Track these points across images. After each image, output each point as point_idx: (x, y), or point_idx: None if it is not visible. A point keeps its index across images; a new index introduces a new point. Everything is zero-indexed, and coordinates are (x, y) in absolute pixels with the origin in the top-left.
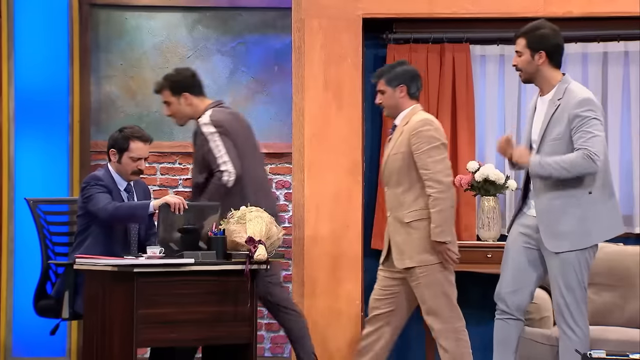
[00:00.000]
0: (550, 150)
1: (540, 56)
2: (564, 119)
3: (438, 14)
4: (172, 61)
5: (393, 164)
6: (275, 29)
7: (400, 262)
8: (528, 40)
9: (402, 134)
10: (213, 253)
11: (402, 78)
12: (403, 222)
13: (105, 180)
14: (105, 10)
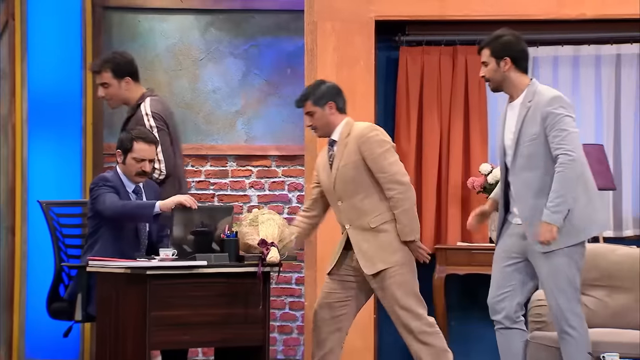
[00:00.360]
0: (527, 152)
1: (506, 62)
2: (536, 118)
3: (450, 16)
4: (185, 64)
5: (346, 174)
6: (288, 31)
7: (372, 267)
8: (492, 49)
9: (348, 145)
10: (225, 255)
11: (329, 95)
12: (368, 228)
13: (113, 181)
14: (118, 13)
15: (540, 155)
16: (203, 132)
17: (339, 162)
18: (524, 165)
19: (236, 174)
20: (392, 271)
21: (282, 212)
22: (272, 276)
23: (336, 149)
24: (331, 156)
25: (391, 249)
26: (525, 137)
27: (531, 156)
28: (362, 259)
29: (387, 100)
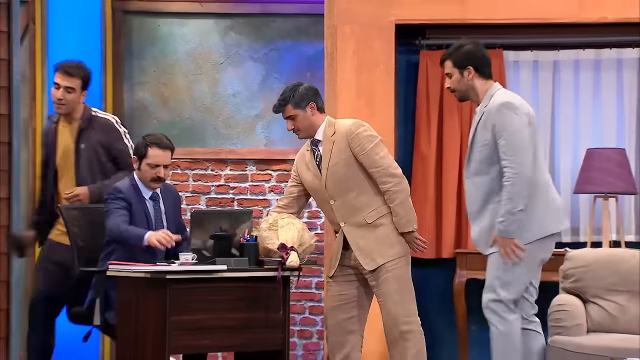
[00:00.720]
0: (479, 156)
1: (469, 72)
2: (488, 125)
3: (471, 20)
4: (205, 68)
5: (338, 172)
6: (308, 35)
7: (372, 263)
8: (454, 60)
9: (335, 143)
10: (245, 260)
11: (308, 96)
12: (365, 224)
13: (125, 191)
14: (138, 17)
15: (490, 160)
16: (223, 136)
17: (328, 161)
18: (476, 169)
19: (256, 178)
20: (390, 264)
21: (302, 216)
22: (292, 280)
23: (322, 148)
24: (317, 156)
25: (389, 242)
26: (478, 142)
27: (482, 161)
28: (360, 256)
29: (407, 104)
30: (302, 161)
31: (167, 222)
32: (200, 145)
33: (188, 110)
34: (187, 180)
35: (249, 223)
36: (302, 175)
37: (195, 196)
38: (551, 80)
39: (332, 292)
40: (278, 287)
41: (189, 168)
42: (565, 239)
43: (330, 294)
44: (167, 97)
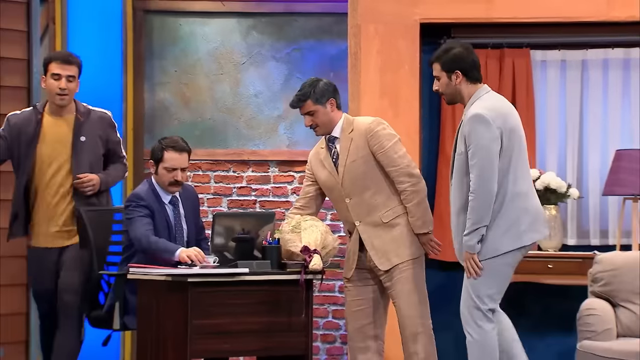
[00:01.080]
0: (457, 165)
1: (457, 76)
2: (462, 135)
3: (497, 19)
4: (226, 68)
5: (355, 170)
6: (331, 34)
7: (387, 263)
8: (442, 63)
9: (353, 141)
10: (267, 262)
11: (328, 92)
12: (381, 223)
13: (146, 198)
14: (159, 17)
15: (465, 171)
16: (244, 137)
17: (345, 158)
18: (455, 178)
19: (278, 180)
20: (405, 265)
21: (325, 219)
22: (315, 284)
23: (339, 145)
24: (334, 154)
25: (404, 243)
26: (458, 150)
27: (458, 171)
28: (375, 255)
29: (432, 105)
30: (317, 159)
31: (187, 225)
32: (221, 147)
33: (209, 110)
34: (209, 182)
35: (271, 225)
36: (317, 174)
37: (216, 198)
38: (579, 80)
39: (350, 297)
40: (301, 290)
41: (211, 169)
42: (593, 241)
43: (348, 299)
44: (189, 97)
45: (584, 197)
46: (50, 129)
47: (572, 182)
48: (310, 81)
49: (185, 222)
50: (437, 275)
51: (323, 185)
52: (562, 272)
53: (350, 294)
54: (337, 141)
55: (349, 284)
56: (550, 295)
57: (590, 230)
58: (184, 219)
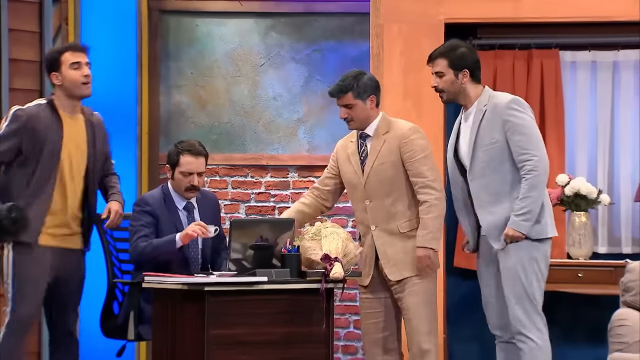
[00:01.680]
0: (485, 156)
1: (464, 75)
2: (495, 122)
3: (525, 19)
4: (244, 69)
5: (382, 173)
6: (353, 35)
7: (397, 273)
8: (449, 60)
9: (386, 143)
10: (287, 271)
11: (371, 89)
12: (397, 232)
13: (153, 203)
14: (176, 17)
15: (500, 159)
16: (263, 142)
17: (374, 159)
18: (483, 170)
19: (298, 186)
20: (417, 278)
21: (346, 226)
22: (336, 293)
23: (370, 144)
24: (363, 151)
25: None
26: (483, 141)
27: (490, 161)
28: (387, 265)
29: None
30: (344, 152)
31: None
32: (239, 151)
33: (227, 114)
34: (226, 187)
35: (290, 232)
36: (342, 167)
37: (234, 204)
38: (610, 82)
39: (365, 309)
40: (321, 299)
41: (228, 175)
42: (625, 249)
43: (364, 312)
44: (205, 100)
45: (615, 204)
46: (68, 130)
47: (602, 187)
48: (355, 73)
49: None
50: (460, 285)
51: (346, 180)
52: (593, 281)
53: (365, 306)
54: (369, 140)
55: (365, 295)
56: (580, 305)
57: (622, 238)
58: None
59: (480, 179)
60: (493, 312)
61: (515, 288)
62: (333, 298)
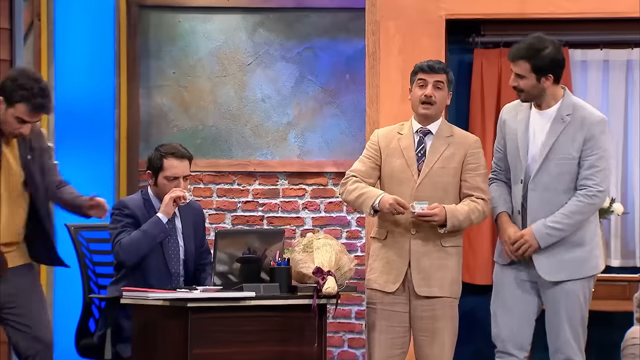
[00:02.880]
0: (556, 169)
1: (547, 79)
2: (577, 137)
3: (532, 14)
4: (231, 69)
5: (439, 178)
6: (347, 32)
7: (426, 289)
8: (533, 64)
9: (451, 147)
10: (276, 285)
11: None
12: (439, 245)
13: (133, 207)
14: (156, 13)
15: (570, 178)
16: (251, 146)
17: (434, 160)
18: (549, 184)
19: (288, 194)
20: (449, 302)
21: (340, 237)
22: (329, 309)
23: (430, 142)
24: (422, 148)
25: (452, 276)
26: (558, 154)
27: (560, 175)
28: (417, 276)
29: (459, 109)
30: (393, 143)
31: (185, 242)
32: (225, 157)
33: (212, 117)
34: (211, 195)
35: (280, 244)
36: (390, 159)
37: (219, 214)
38: (624, 82)
39: (382, 321)
40: (313, 316)
41: (213, 182)
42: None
43: (380, 323)
44: (189, 102)
45: (629, 213)
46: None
47: (615, 196)
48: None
49: (183, 239)
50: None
51: (388, 174)
52: (605, 297)
53: (384, 317)
54: (430, 137)
55: (384, 306)
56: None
57: (636, 250)
58: (182, 234)
59: (543, 192)
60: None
61: (573, 313)
62: (326, 315)
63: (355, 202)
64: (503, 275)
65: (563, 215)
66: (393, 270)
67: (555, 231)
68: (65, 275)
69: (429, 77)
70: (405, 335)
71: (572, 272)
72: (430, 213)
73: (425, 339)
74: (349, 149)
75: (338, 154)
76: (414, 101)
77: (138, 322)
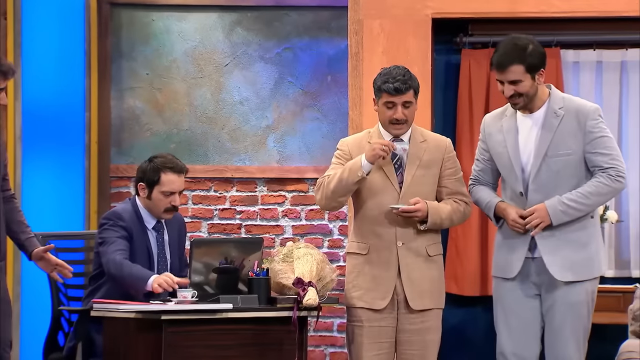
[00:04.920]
0: (555, 167)
1: (541, 75)
2: (574, 132)
3: (522, 13)
4: (207, 70)
5: (421, 186)
6: (329, 31)
7: (419, 302)
8: (526, 65)
9: (426, 153)
10: (255, 297)
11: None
12: (424, 255)
13: (128, 220)
14: (129, 11)
15: (570, 173)
16: (228, 151)
17: (415, 168)
18: (549, 182)
19: (267, 201)
20: (435, 314)
21: (322, 246)
22: (310, 322)
23: (408, 152)
24: (398, 158)
25: (440, 287)
26: (557, 150)
27: (559, 172)
28: (412, 290)
29: (446, 112)
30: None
31: (171, 255)
32: (201, 162)
33: (187, 120)
34: (186, 202)
35: (258, 254)
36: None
37: (195, 222)
38: (618, 84)
39: (369, 339)
40: (293, 329)
41: (188, 189)
42: (634, 273)
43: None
44: (163, 104)
45: (623, 221)
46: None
47: (609, 203)
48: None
49: (170, 251)
50: (454, 313)
51: (367, 185)
52: (598, 309)
53: (372, 334)
54: (404, 145)
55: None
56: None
57: (631, 260)
58: (169, 247)
59: (546, 192)
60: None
61: (577, 325)
62: (306, 328)
63: (339, 184)
64: (505, 290)
65: (580, 194)
66: (380, 287)
67: (570, 209)
68: (33, 287)
69: (397, 99)
70: (390, 350)
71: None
72: (413, 209)
73: (415, 352)
74: (331, 154)
75: (319, 159)
76: (383, 120)
77: (109, 336)
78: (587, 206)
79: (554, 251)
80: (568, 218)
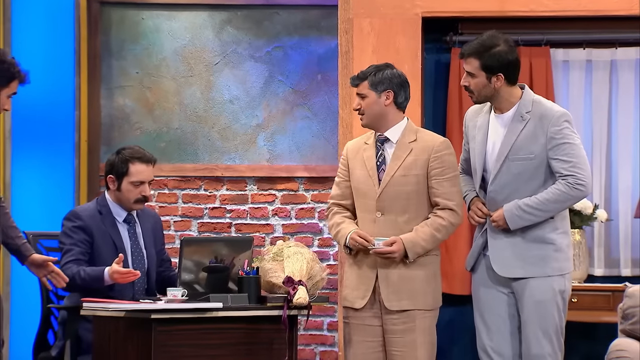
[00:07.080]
0: (516, 169)
1: (498, 79)
2: (538, 135)
3: (512, 12)
4: (197, 69)
5: (402, 187)
6: (319, 30)
7: (396, 303)
8: (482, 62)
9: (413, 153)
10: (245, 296)
11: (389, 83)
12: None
13: (86, 219)
14: (118, 9)
15: (529, 176)
16: (218, 150)
17: (395, 169)
18: (507, 184)
19: (257, 200)
20: (421, 314)
21: (312, 245)
22: (300, 321)
23: (391, 150)
24: (380, 156)
25: (424, 289)
26: (518, 153)
27: (519, 176)
28: (385, 290)
29: (435, 111)
30: (359, 154)
31: (146, 248)
32: (191, 161)
33: (177, 119)
34: (176, 201)
35: (249, 252)
36: (354, 171)
37: (185, 221)
38: (607, 83)
39: (355, 336)
40: (283, 328)
41: (178, 187)
42: (624, 272)
43: (354, 338)
44: (152, 103)
45: (613, 220)
46: None
47: (599, 202)
48: (384, 65)
49: (144, 244)
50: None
51: (355, 186)
52: (588, 307)
53: (357, 332)
54: (389, 145)
55: (355, 320)
56: (573, 333)
57: (621, 259)
58: (143, 239)
59: (505, 195)
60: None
61: (545, 322)
62: (297, 327)
63: (335, 239)
64: (477, 283)
65: (538, 201)
66: (361, 286)
67: (526, 214)
68: (23, 285)
69: (355, 90)
70: (379, 350)
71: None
72: (387, 250)
73: (398, 353)
74: (321, 152)
75: (309, 158)
76: None
77: (99, 334)
78: (544, 212)
79: (501, 248)
80: (525, 223)
